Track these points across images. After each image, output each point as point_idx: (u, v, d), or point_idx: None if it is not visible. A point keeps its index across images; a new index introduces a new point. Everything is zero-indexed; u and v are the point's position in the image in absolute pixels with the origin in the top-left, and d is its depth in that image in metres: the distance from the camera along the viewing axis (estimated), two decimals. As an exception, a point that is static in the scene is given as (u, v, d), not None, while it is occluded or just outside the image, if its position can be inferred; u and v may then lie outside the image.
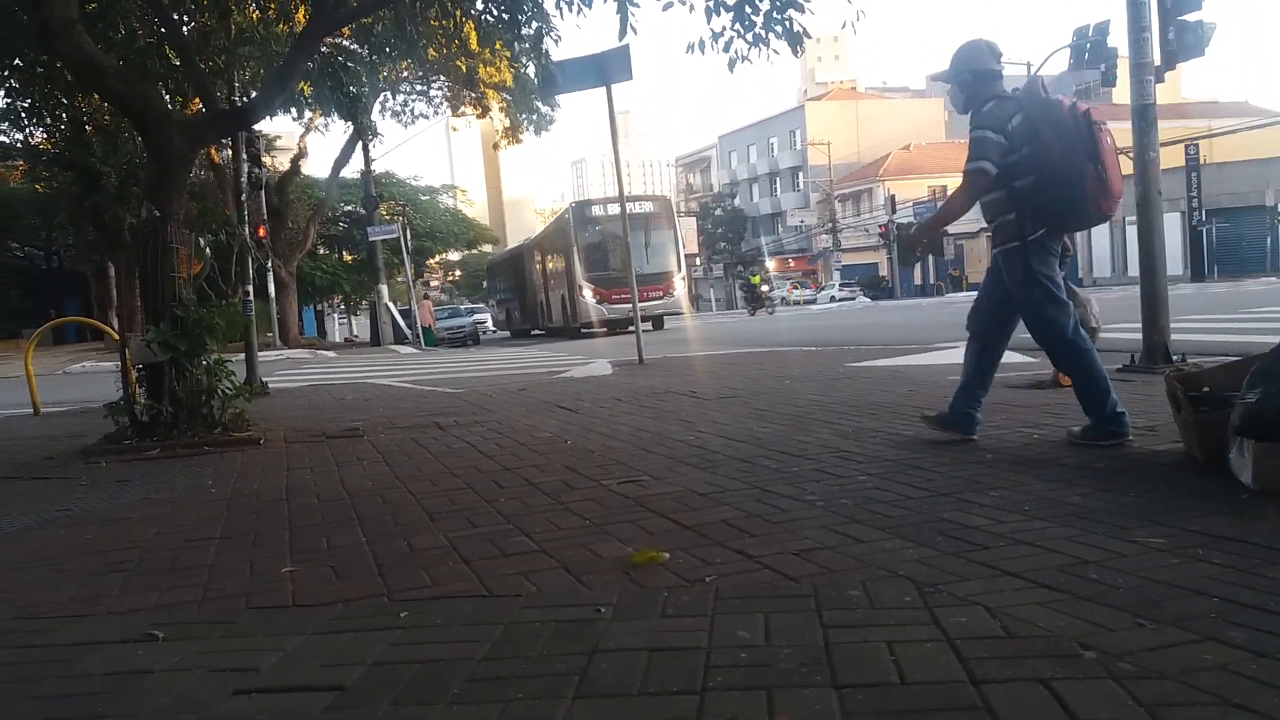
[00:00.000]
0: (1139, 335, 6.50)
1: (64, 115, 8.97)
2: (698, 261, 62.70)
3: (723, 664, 1.79)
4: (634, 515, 3.11)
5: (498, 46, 8.52)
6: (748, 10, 6.66)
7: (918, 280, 53.46)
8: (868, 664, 1.75)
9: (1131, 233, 18.05)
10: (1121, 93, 10.12)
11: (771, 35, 6.79)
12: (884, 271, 53.46)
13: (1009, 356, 8.08)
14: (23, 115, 9.14)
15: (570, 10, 7.43)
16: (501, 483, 3.89)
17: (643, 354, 10.35)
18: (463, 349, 25.33)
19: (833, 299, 50.46)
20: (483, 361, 14.70)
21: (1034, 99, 3.90)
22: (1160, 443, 3.72)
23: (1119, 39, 19.08)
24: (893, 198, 49.60)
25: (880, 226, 51.20)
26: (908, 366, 7.94)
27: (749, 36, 6.82)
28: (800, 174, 67.71)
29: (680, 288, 24.68)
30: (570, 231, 24.44)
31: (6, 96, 9.46)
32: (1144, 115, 6.40)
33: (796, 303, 52.51)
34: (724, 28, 6.84)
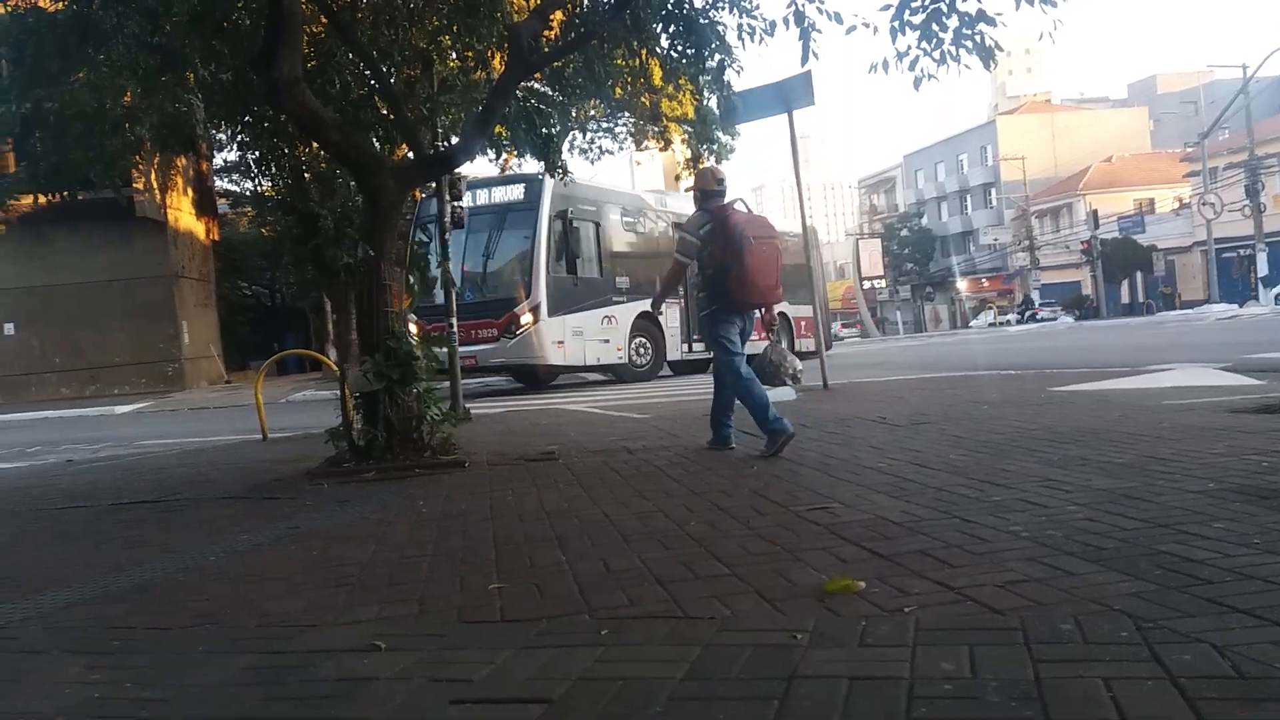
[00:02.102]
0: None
1: (287, 165, 9.86)
2: (883, 283, 61.23)
3: (927, 695, 1.76)
4: (826, 542, 3.09)
5: (681, 81, 8.68)
6: (935, 28, 6.51)
7: (1125, 298, 50.14)
8: (1084, 701, 1.67)
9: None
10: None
11: (961, 51, 6.61)
12: (1088, 290, 50.45)
13: (1231, 379, 7.46)
14: (252, 166, 10.08)
15: (752, 40, 7.50)
16: (690, 506, 3.94)
17: (827, 379, 10.21)
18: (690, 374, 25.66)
19: (1033, 318, 48.04)
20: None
21: (721, 213, 5.45)
22: None
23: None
24: (1095, 212, 46.78)
25: (1082, 243, 48.44)
26: (1116, 391, 7.48)
27: (936, 54, 6.66)
28: (993, 190, 65.08)
29: (536, 322, 13.95)
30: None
31: (239, 150, 10.42)
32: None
33: (993, 325, 50.32)
34: (909, 46, 6.71)
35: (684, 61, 7.44)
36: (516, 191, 14.83)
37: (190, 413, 16.46)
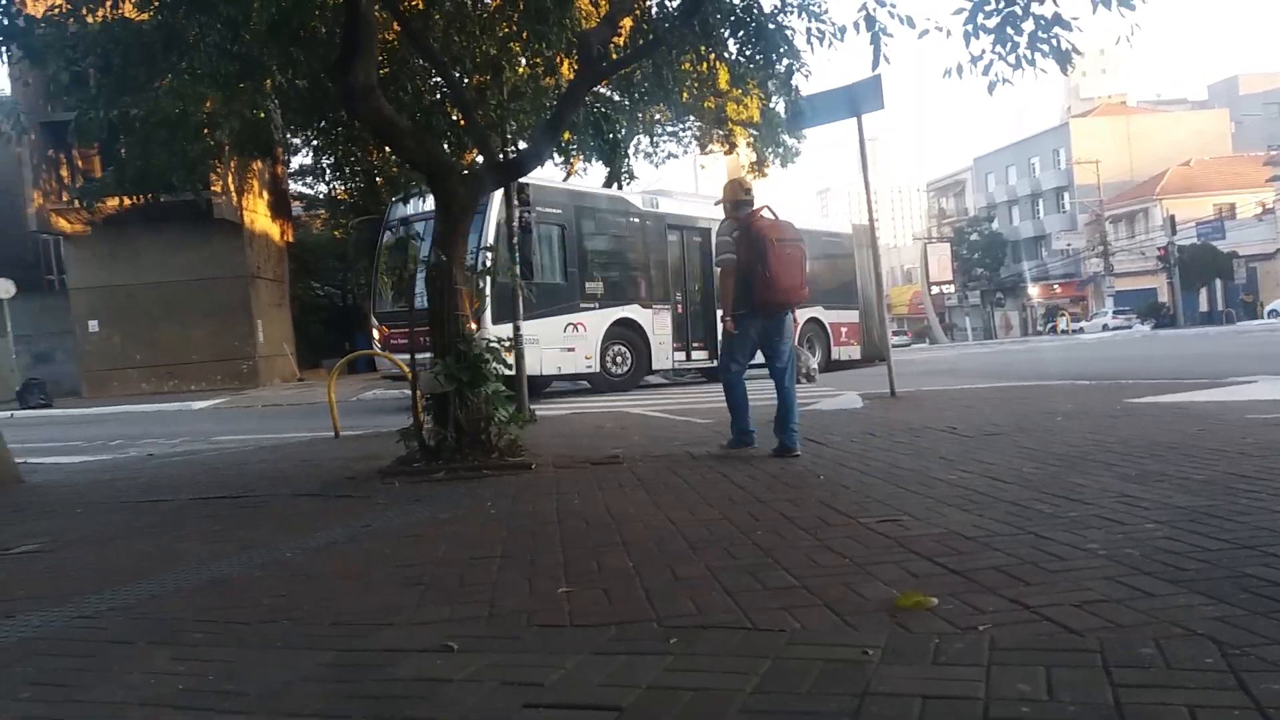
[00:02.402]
0: None
1: (359, 169, 10.06)
2: (952, 288, 60.17)
3: (1003, 716, 1.74)
4: (896, 556, 3.06)
5: (749, 85, 8.67)
6: (1010, 32, 6.40)
7: (1203, 306, 48.59)
8: (1166, 729, 1.64)
9: None
10: None
11: (1036, 55, 6.49)
12: (1164, 297, 49.01)
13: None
14: (326, 170, 10.32)
15: (821, 45, 7.46)
16: (756, 515, 3.93)
17: (895, 387, 10.08)
18: (712, 380, 25.64)
19: (1105, 327, 46.81)
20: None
21: (747, 220, 5.86)
22: None
23: None
24: (1172, 218, 45.41)
25: (1159, 249, 47.05)
26: (1196, 403, 7.26)
27: (1011, 59, 6.55)
28: (1065, 195, 63.55)
29: (479, 329, 11.01)
30: None
31: (314, 154, 10.65)
32: None
33: (1065, 332, 49.13)
34: (983, 51, 6.61)
35: (752, 66, 7.44)
36: None
37: (264, 409, 16.88)
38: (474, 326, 6.59)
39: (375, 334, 15.47)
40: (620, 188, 20.26)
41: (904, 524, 3.54)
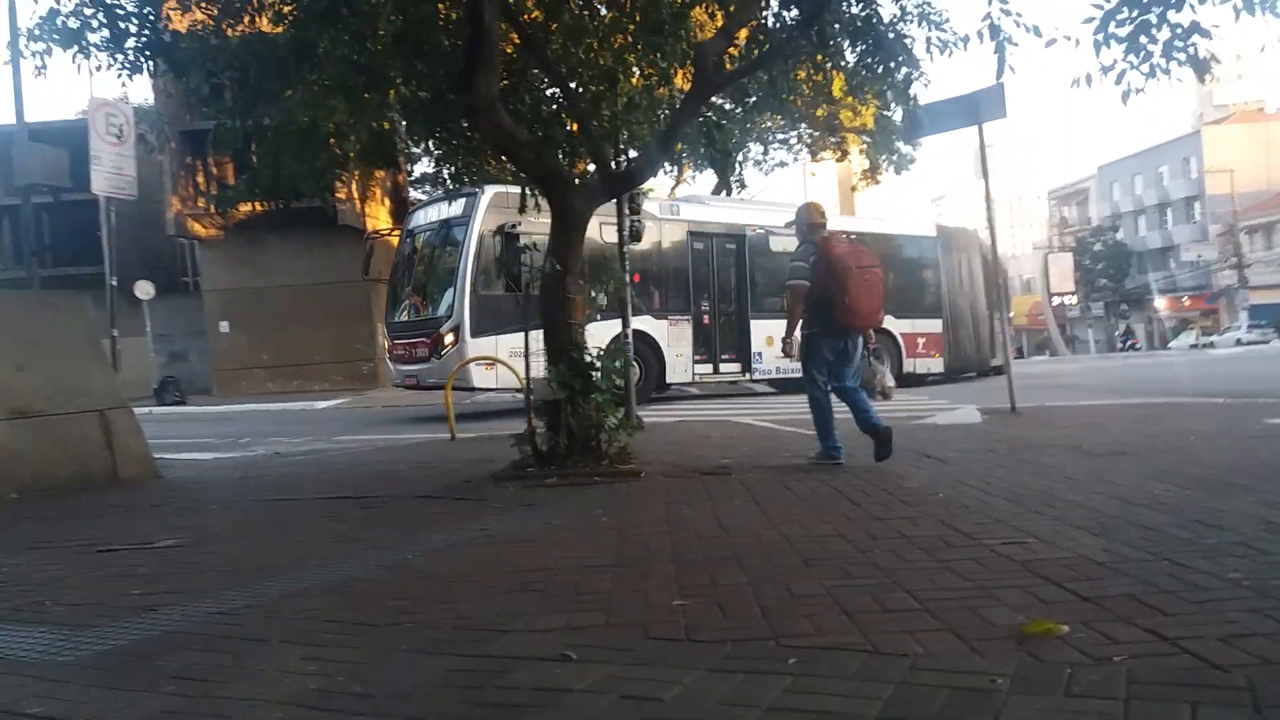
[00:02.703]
0: None
1: (479, 179, 10.29)
2: (1074, 299, 57.91)
3: (1146, 758, 1.66)
4: (1022, 580, 2.96)
5: (866, 94, 8.55)
6: (1143, 40, 6.14)
7: (1351, 322, 45.53)
8: (1330, 782, 1.54)
9: None
10: None
11: (1171, 64, 6.20)
12: (1306, 311, 46.15)
13: None
14: (446, 179, 10.57)
15: (942, 54, 7.30)
16: (873, 533, 3.86)
17: (1015, 402, 9.76)
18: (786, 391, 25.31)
19: (1239, 342, 44.31)
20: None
21: (825, 245, 6.11)
22: None
23: None
24: (1316, 228, 42.68)
25: (1300, 260, 44.29)
26: (1347, 426, 6.81)
27: (1144, 68, 6.28)
28: (1196, 204, 60.43)
29: (458, 342, 13.29)
30: None
31: (435, 164, 10.94)
32: None
33: (1195, 346, 46.72)
34: (1115, 60, 6.36)
35: (870, 75, 7.32)
36: (456, 208, 14.05)
37: (383, 410, 17.43)
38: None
39: (385, 344, 15.84)
40: (729, 195, 20.23)
41: (1030, 546, 3.42)
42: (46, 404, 7.17)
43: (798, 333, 6.32)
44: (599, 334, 14.28)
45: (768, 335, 15.71)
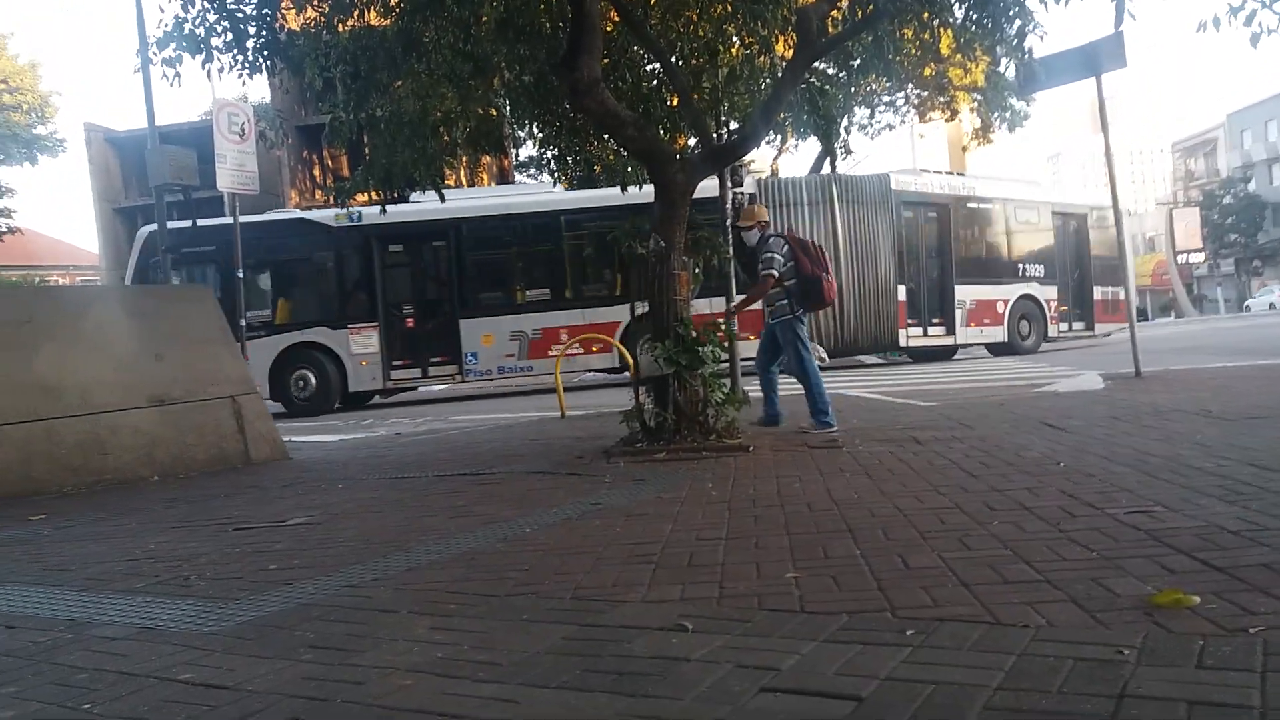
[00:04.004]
0: None
1: (581, 160, 10.38)
2: (1201, 257, 54.93)
3: (1285, 731, 1.60)
4: (1148, 550, 2.86)
5: (977, 52, 8.27)
6: (1279, -25, 5.77)
7: None
8: None
9: None
10: None
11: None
12: None
13: None
14: (551, 161, 10.71)
15: (1056, 3, 6.99)
16: (991, 504, 3.78)
17: (1140, 366, 9.36)
18: (929, 360, 24.77)
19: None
20: (952, 373, 14.27)
21: (791, 237, 7.08)
22: None
23: None
24: None
25: None
26: None
27: (1277, 6, 5.91)
28: (1340, 150, 56.37)
29: None
30: None
31: (538, 147, 11.08)
32: None
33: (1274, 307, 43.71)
34: (1244, 1, 6.00)
35: (980, 31, 7.07)
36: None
37: (496, 387, 17.80)
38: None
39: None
40: (834, 166, 19.89)
41: (1157, 515, 3.30)
42: (184, 391, 7.61)
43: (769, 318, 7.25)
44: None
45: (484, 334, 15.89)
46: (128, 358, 7.47)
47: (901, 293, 16.76)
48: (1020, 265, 18.18)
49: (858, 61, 9.01)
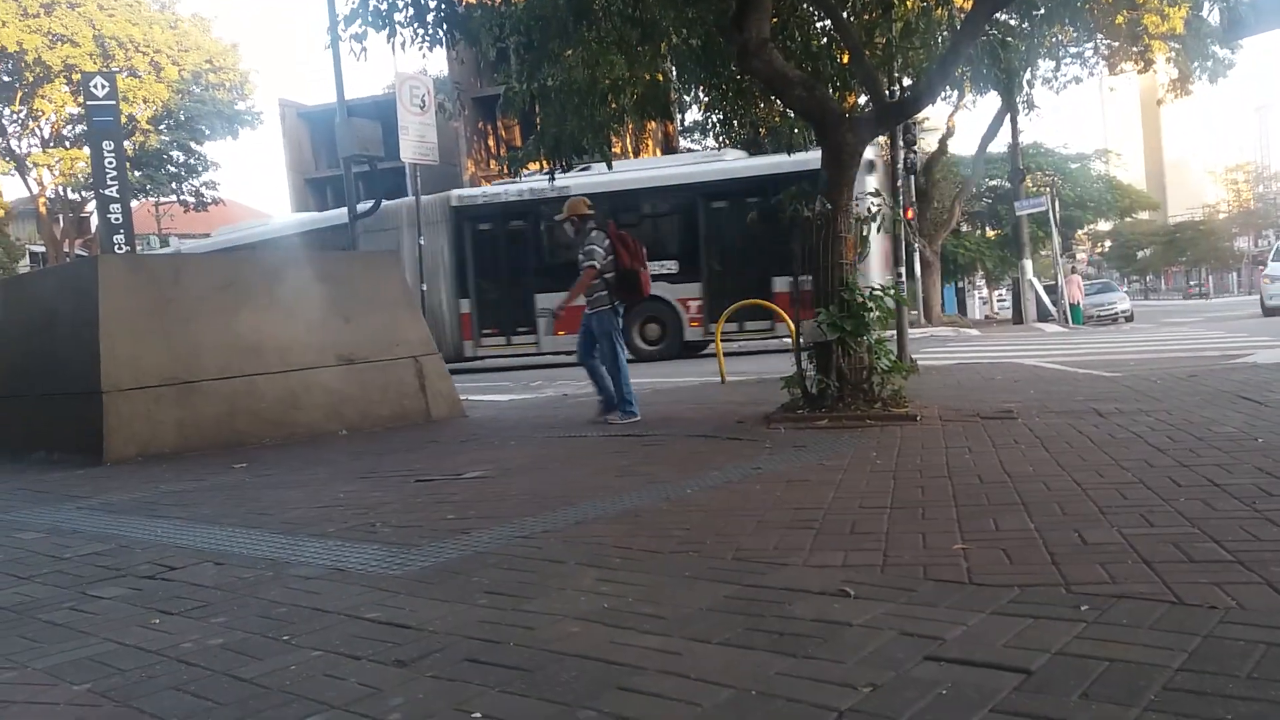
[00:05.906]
0: None
1: (747, 123, 10.27)
2: None
3: None
4: (1360, 535, 2.64)
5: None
6: None
7: None
8: None
9: None
10: None
11: None
12: None
13: None
14: (716, 125, 10.68)
15: (1273, -63, 6.38)
16: (1178, 480, 3.57)
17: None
18: (1113, 327, 23.39)
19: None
20: (1137, 342, 13.41)
21: (613, 230, 7.22)
22: None
23: None
24: None
25: None
26: None
27: None
28: None
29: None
30: None
31: (703, 111, 11.04)
32: None
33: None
34: None
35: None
36: None
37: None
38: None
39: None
40: (1014, 123, 18.87)
41: (1372, 500, 3.04)
42: (370, 351, 8.09)
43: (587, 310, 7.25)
44: None
45: None
46: (319, 319, 8.00)
47: (464, 305, 17.56)
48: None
49: (1042, 10, 8.53)
